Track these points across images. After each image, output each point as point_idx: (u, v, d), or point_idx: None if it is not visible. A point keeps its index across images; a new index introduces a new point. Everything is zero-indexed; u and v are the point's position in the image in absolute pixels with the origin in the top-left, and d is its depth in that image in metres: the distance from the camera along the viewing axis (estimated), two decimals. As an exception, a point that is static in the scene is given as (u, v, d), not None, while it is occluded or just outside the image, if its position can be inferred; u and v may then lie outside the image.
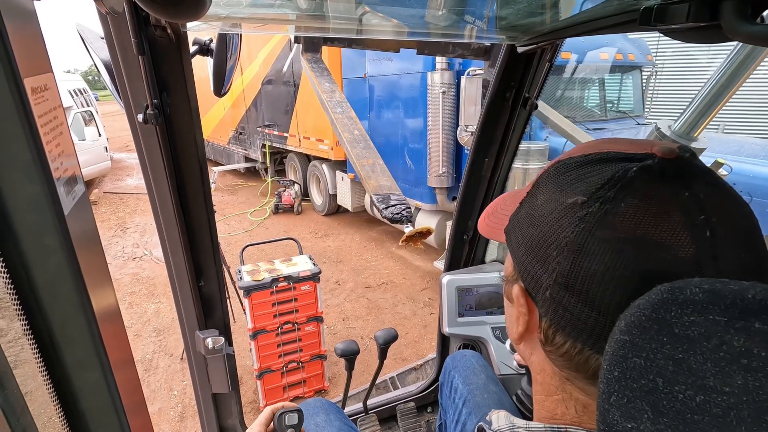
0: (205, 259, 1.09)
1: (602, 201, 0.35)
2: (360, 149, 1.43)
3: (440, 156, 4.13)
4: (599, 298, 0.34)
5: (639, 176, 0.34)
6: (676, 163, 0.35)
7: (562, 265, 0.36)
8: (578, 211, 0.36)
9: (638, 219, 0.33)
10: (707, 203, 0.33)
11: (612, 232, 0.34)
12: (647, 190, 0.34)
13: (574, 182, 0.37)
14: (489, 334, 1.57)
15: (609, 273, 0.33)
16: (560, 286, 0.36)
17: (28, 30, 0.43)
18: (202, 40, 1.00)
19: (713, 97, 1.61)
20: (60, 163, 0.45)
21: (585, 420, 0.40)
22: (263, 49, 6.70)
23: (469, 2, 0.83)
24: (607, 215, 0.34)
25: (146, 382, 2.98)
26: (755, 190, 2.63)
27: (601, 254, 0.34)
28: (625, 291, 0.33)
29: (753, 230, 0.34)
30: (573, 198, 0.36)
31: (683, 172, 0.34)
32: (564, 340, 0.38)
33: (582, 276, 0.35)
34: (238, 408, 1.31)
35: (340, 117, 1.55)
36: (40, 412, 0.44)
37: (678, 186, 0.34)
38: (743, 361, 0.24)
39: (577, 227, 0.35)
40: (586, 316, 0.35)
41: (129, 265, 4.96)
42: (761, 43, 0.61)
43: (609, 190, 0.35)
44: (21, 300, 0.39)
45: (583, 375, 0.38)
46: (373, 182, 1.31)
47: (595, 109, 4.32)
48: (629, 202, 0.34)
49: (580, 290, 0.35)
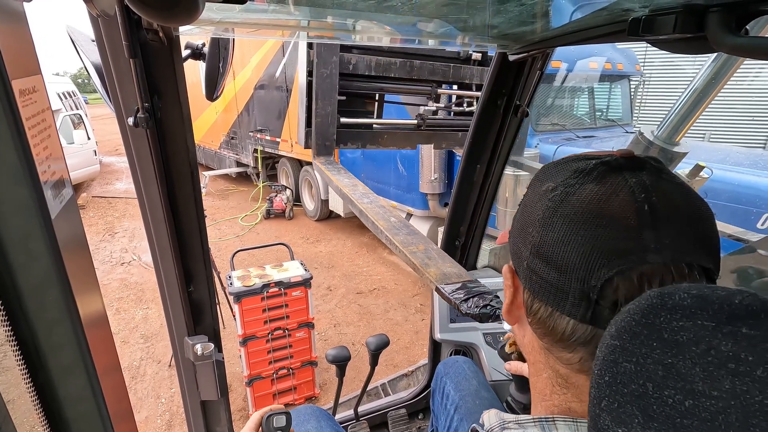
0: (195, 265, 1.08)
1: (566, 185, 0.42)
2: (403, 236, 1.30)
3: (432, 162, 4.15)
4: (560, 260, 0.41)
5: (597, 168, 0.42)
6: (629, 159, 0.43)
7: (534, 237, 0.43)
8: (549, 194, 0.43)
9: (592, 198, 0.40)
10: (652, 187, 0.40)
11: (571, 208, 0.41)
12: (602, 177, 0.41)
13: (551, 175, 0.46)
14: (480, 340, 1.57)
15: (567, 238, 0.40)
16: (533, 255, 0.44)
17: (17, 31, 0.42)
18: (194, 44, 1.00)
19: (693, 103, 1.67)
20: (48, 166, 0.44)
21: (571, 399, 0.44)
22: (256, 53, 6.70)
23: (461, 11, 0.84)
24: (568, 196, 0.42)
25: (133, 390, 2.93)
26: (739, 198, 2.68)
27: (561, 225, 0.41)
28: (579, 252, 0.39)
29: (696, 213, 0.40)
30: (546, 185, 0.45)
31: (634, 165, 0.42)
32: (538, 306, 0.44)
33: (548, 243, 0.42)
34: (227, 415, 1.29)
35: (370, 207, 1.50)
36: (23, 420, 0.43)
37: (628, 174, 0.41)
38: (731, 365, 0.24)
39: (547, 207, 0.43)
40: (552, 277, 0.42)
41: (117, 270, 4.89)
42: (745, 55, 0.62)
43: (573, 178, 0.42)
44: (5, 305, 0.39)
45: (556, 340, 0.43)
46: (434, 270, 1.13)
47: (585, 117, 4.39)
48: (587, 187, 0.41)
49: (547, 255, 0.42)
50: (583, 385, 0.43)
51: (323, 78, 1.75)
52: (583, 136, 4.01)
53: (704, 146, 4.36)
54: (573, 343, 0.42)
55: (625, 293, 0.38)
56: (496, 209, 3.85)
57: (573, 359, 0.43)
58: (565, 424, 0.43)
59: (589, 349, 0.41)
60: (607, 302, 0.38)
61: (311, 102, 1.78)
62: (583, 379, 0.43)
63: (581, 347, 0.41)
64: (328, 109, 1.79)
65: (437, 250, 1.26)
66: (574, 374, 0.43)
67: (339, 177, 1.71)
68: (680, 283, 0.36)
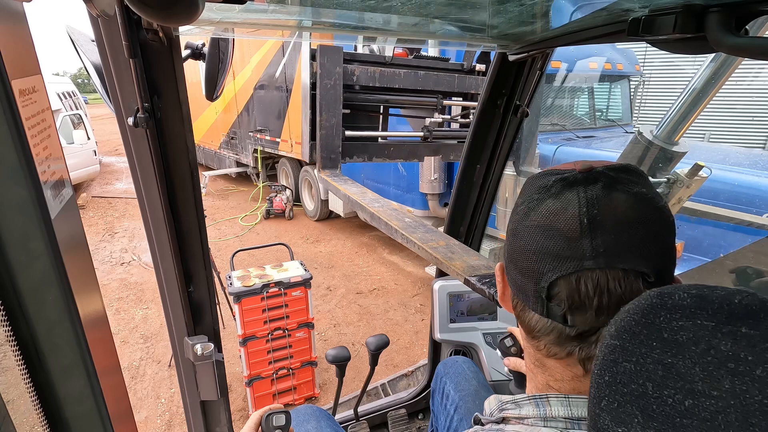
0: (195, 265, 1.08)
1: (530, 201, 0.49)
2: (421, 233, 1.29)
3: (432, 162, 4.15)
4: (523, 265, 0.48)
5: (555, 184, 0.48)
6: (586, 174, 0.47)
7: (508, 244, 0.52)
8: (518, 208, 0.51)
9: (548, 212, 0.47)
10: (598, 200, 0.45)
11: (530, 222, 0.48)
12: (559, 193, 0.47)
13: (523, 190, 0.53)
14: (480, 340, 1.57)
15: (527, 247, 0.48)
16: (508, 260, 0.52)
17: (17, 31, 0.42)
18: (194, 44, 1.00)
19: (692, 103, 1.67)
20: (47, 166, 0.44)
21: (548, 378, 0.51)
22: (256, 53, 6.69)
23: (461, 11, 0.84)
24: (530, 211, 0.48)
25: (133, 390, 2.93)
26: (738, 198, 2.68)
27: (524, 236, 0.48)
28: (536, 258, 0.47)
29: (641, 221, 0.44)
30: (518, 199, 0.52)
31: (588, 180, 0.46)
32: (516, 302, 0.53)
33: (515, 250, 0.50)
34: (227, 415, 1.29)
35: (382, 210, 1.49)
36: (23, 420, 0.43)
37: (581, 188, 0.46)
38: (730, 365, 0.24)
39: (515, 220, 0.51)
40: (519, 279, 0.50)
41: (117, 270, 4.89)
42: (745, 55, 0.62)
43: (536, 193, 0.49)
44: (5, 305, 0.39)
45: (528, 330, 0.51)
46: (460, 263, 1.11)
47: (585, 118, 4.39)
48: (545, 202, 0.47)
49: (515, 261, 0.50)
50: (554, 366, 0.50)
51: (327, 90, 1.74)
52: (583, 136, 4.01)
53: (704, 146, 4.36)
54: (538, 333, 0.49)
55: (566, 293, 0.45)
56: (496, 209, 3.85)
57: (540, 346, 0.50)
58: (558, 400, 0.49)
59: (550, 338, 0.48)
60: (555, 300, 0.46)
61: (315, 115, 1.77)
62: (552, 362, 0.50)
63: (545, 336, 0.49)
64: (333, 121, 1.78)
65: (459, 244, 1.24)
66: (545, 358, 0.51)
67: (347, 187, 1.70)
68: (614, 284, 0.43)
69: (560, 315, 0.46)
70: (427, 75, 2.01)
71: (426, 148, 2.15)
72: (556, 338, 0.47)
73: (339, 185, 1.70)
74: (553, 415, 0.48)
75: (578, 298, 0.44)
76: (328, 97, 1.74)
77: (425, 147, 2.14)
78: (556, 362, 0.49)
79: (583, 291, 0.44)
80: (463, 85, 2.14)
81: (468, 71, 2.17)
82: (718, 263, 1.92)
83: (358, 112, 2.00)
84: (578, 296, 0.44)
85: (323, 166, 1.82)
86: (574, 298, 0.45)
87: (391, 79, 1.92)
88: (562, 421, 0.47)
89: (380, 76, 1.89)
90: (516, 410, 0.51)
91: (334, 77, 1.73)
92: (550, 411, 0.48)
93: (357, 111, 1.98)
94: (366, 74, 1.85)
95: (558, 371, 0.50)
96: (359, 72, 1.84)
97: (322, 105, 1.74)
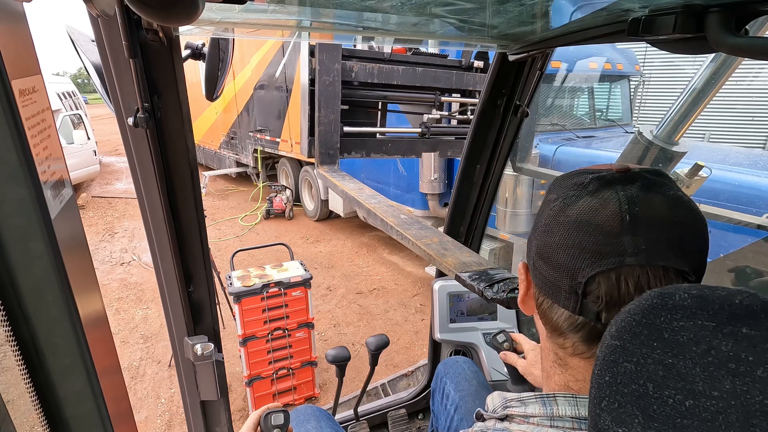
0: (195, 265, 1.08)
1: (565, 198, 0.49)
2: (416, 230, 1.31)
3: (432, 162, 4.15)
4: (558, 261, 0.47)
5: (592, 182, 0.48)
6: (624, 174, 0.47)
7: (539, 240, 0.51)
8: (551, 204, 0.50)
9: (585, 209, 0.46)
10: (638, 199, 0.45)
11: (566, 218, 0.47)
12: (596, 191, 0.47)
13: (556, 187, 0.52)
14: (480, 340, 1.57)
15: (563, 242, 0.47)
16: (537, 256, 0.51)
17: (17, 31, 0.42)
18: (194, 44, 1.00)
19: (692, 103, 1.67)
20: (47, 166, 0.44)
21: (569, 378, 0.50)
22: (256, 53, 6.69)
23: (461, 11, 0.84)
24: (566, 207, 0.48)
25: (133, 390, 2.93)
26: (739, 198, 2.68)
27: (558, 232, 0.48)
28: (573, 254, 0.46)
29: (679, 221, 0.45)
30: (551, 195, 0.52)
31: (626, 179, 0.47)
32: (542, 300, 0.52)
33: (547, 246, 0.49)
34: (227, 415, 1.29)
35: (378, 207, 1.50)
36: (23, 420, 0.43)
37: (619, 187, 0.46)
38: (731, 365, 0.24)
39: (548, 215, 0.50)
40: (549, 274, 0.49)
41: (117, 270, 4.89)
42: (745, 55, 0.62)
43: (572, 190, 0.49)
44: (5, 305, 0.39)
45: (554, 328, 0.51)
46: (452, 260, 1.12)
47: (585, 118, 4.38)
48: (583, 199, 0.47)
49: (546, 256, 0.49)
50: (577, 366, 0.50)
51: (325, 86, 1.74)
52: (583, 136, 4.01)
53: (704, 146, 4.36)
54: (566, 331, 0.49)
55: (605, 289, 0.44)
56: (496, 209, 3.85)
57: (567, 344, 0.49)
58: (565, 399, 0.49)
59: (580, 336, 0.48)
60: (591, 297, 0.45)
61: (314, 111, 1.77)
62: (577, 360, 0.49)
63: (573, 334, 0.48)
64: (331, 117, 1.79)
65: (452, 241, 1.24)
66: (569, 357, 0.50)
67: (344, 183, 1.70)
68: (655, 282, 0.43)
69: (594, 312, 0.45)
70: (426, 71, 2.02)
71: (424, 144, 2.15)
72: (585, 336, 0.47)
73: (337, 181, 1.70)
74: (560, 414, 0.48)
75: (617, 294, 0.44)
76: (326, 93, 1.75)
77: (423, 143, 2.15)
78: (580, 361, 0.49)
79: (623, 288, 0.43)
80: (461, 82, 2.14)
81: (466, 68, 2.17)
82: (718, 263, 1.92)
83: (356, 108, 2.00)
84: (617, 293, 0.44)
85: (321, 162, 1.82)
86: (613, 295, 0.44)
87: (389, 75, 1.92)
88: (569, 420, 0.47)
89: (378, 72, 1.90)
90: (521, 408, 0.51)
91: (333, 73, 1.73)
92: (557, 410, 0.48)
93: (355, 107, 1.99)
94: (364, 70, 1.86)
95: (581, 371, 0.49)
96: (358, 68, 1.84)
97: (320, 101, 1.74)
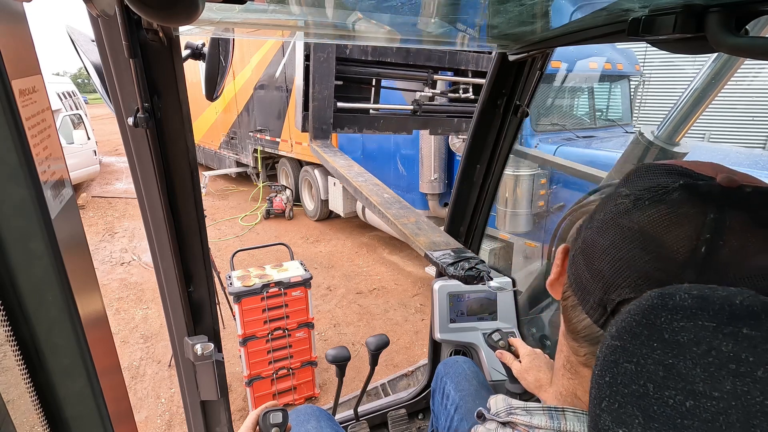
0: (195, 265, 1.08)
1: (637, 199, 0.40)
2: (396, 209, 1.34)
3: (432, 162, 4.15)
4: (598, 266, 0.41)
5: (680, 191, 0.38)
6: (726, 191, 0.36)
7: (587, 235, 0.44)
8: (617, 199, 0.42)
9: (655, 220, 0.37)
10: (729, 230, 0.34)
11: (630, 221, 0.39)
12: (679, 203, 0.37)
13: (635, 179, 0.43)
14: (480, 340, 1.57)
15: (612, 247, 0.40)
16: (580, 251, 0.44)
17: (17, 31, 0.42)
18: (194, 44, 1.00)
19: (693, 103, 1.67)
20: (47, 166, 0.44)
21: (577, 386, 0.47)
22: (256, 54, 6.69)
23: (461, 11, 0.84)
24: (634, 209, 0.39)
25: (133, 390, 2.93)
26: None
27: (614, 233, 0.40)
28: (617, 265, 0.39)
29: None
30: (623, 188, 0.43)
31: (728, 199, 0.36)
32: (569, 295, 0.47)
33: (594, 246, 0.42)
34: (227, 415, 1.29)
35: (364, 185, 1.52)
36: (23, 420, 0.43)
37: (710, 209, 0.35)
38: (732, 366, 0.24)
39: (609, 211, 0.42)
40: (584, 275, 0.43)
41: (117, 270, 4.89)
42: (745, 55, 0.62)
43: (649, 192, 0.39)
44: (5, 305, 0.39)
45: (572, 330, 0.46)
46: (424, 239, 1.16)
47: (585, 117, 4.38)
48: (659, 207, 0.38)
49: (590, 255, 0.42)
50: (586, 376, 0.46)
51: (320, 62, 1.76)
52: (583, 136, 4.01)
53: (704, 146, 4.36)
54: (582, 339, 0.45)
55: None
56: (496, 209, 3.85)
57: (580, 351, 0.46)
58: (574, 414, 0.46)
59: (594, 349, 0.43)
60: None
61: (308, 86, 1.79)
62: (587, 371, 0.46)
63: (588, 345, 0.44)
64: (325, 93, 1.80)
65: (428, 222, 1.28)
66: (581, 366, 0.47)
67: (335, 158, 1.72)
68: None
69: None
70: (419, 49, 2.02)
71: (415, 121, 2.17)
72: None
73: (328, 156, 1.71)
74: (568, 429, 0.46)
75: None
76: (321, 69, 1.76)
77: (414, 120, 2.16)
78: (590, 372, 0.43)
79: None
80: (453, 61, 2.15)
81: None
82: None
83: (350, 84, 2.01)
84: None
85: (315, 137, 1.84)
86: None
87: (383, 52, 1.93)
88: None
89: (373, 49, 1.91)
90: (526, 417, 0.48)
91: (328, 50, 1.75)
92: (565, 425, 0.46)
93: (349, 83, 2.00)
94: (359, 47, 1.87)
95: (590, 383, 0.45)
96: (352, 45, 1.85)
97: (315, 77, 1.76)
